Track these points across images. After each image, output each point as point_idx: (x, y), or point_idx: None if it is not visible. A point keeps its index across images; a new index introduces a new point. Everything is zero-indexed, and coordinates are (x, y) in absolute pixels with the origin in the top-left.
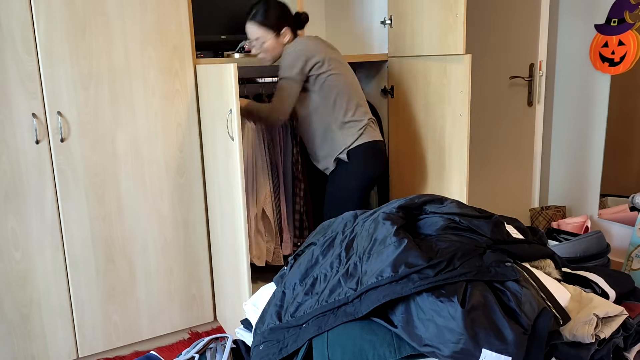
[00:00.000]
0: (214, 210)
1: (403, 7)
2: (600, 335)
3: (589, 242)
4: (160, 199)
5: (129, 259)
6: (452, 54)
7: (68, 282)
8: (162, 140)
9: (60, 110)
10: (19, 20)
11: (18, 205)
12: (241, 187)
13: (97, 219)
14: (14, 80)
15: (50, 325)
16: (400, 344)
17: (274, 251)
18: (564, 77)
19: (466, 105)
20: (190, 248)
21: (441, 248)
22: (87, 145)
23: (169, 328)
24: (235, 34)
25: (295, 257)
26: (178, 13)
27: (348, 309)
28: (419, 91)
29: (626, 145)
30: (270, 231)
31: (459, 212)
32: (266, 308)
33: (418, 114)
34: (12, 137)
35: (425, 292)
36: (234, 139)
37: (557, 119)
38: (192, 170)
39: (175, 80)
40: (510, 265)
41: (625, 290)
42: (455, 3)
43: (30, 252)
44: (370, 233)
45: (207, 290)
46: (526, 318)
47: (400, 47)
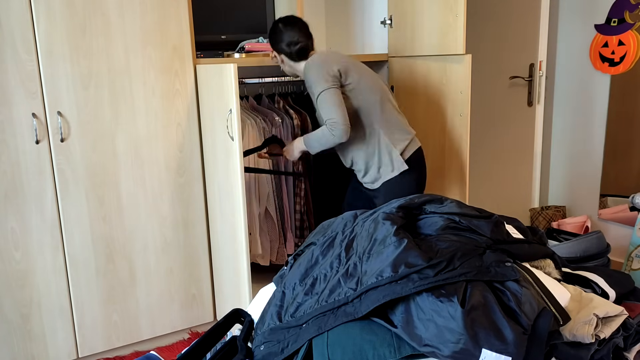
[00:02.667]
0: (214, 210)
1: (403, 7)
2: (600, 335)
3: (589, 242)
4: (160, 199)
5: (129, 259)
6: (452, 54)
7: (68, 282)
8: (162, 140)
9: (60, 110)
10: (19, 20)
11: (18, 205)
12: (241, 187)
13: (97, 219)
14: (14, 80)
15: (50, 326)
16: (400, 344)
17: (277, 250)
18: (564, 77)
19: (466, 105)
20: (190, 248)
21: (441, 248)
22: (87, 145)
23: (169, 328)
24: (235, 34)
25: (295, 257)
26: (178, 13)
27: (348, 309)
28: (419, 91)
29: (626, 145)
30: (273, 231)
31: (458, 212)
32: (266, 308)
33: (418, 114)
34: (12, 137)
35: (425, 292)
36: (234, 139)
37: (557, 119)
38: (192, 170)
39: (175, 80)
40: (510, 265)
41: (625, 290)
42: (455, 3)
43: (30, 252)
44: (370, 233)
45: (207, 290)
46: (526, 318)
47: (400, 47)
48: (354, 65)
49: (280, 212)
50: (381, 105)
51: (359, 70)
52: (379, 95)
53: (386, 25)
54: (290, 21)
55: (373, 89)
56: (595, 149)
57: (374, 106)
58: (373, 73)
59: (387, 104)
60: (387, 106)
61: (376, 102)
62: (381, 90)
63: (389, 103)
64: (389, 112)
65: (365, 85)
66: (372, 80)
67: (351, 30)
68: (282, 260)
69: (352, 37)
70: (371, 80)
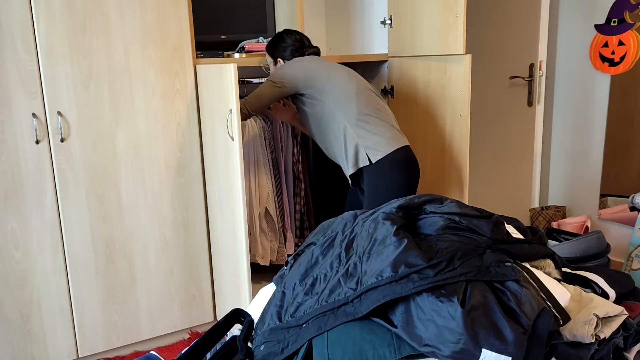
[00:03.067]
0: (214, 210)
1: (403, 7)
2: (600, 335)
3: (589, 242)
4: (160, 199)
5: (129, 259)
6: (452, 54)
7: (68, 282)
8: (162, 140)
9: (60, 110)
10: (19, 20)
11: (18, 205)
12: (241, 187)
13: (97, 219)
14: (14, 80)
15: (50, 325)
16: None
17: (277, 250)
18: (564, 77)
19: (466, 105)
20: (190, 248)
21: (441, 248)
22: (87, 145)
23: (169, 328)
24: (235, 34)
25: (295, 257)
26: (178, 13)
27: (348, 309)
28: (419, 91)
29: (626, 145)
30: (273, 230)
31: (458, 211)
32: (266, 308)
33: (418, 114)
34: (12, 137)
35: (425, 292)
36: (234, 139)
37: (557, 119)
38: (192, 170)
39: (175, 80)
40: (510, 265)
41: (625, 290)
42: (455, 3)
43: (30, 252)
44: (370, 233)
45: (207, 290)
46: (526, 318)
47: (400, 47)
48: (325, 70)
49: (280, 212)
50: (352, 105)
51: (328, 75)
52: (351, 94)
53: (386, 25)
54: (297, 32)
55: (344, 90)
56: (595, 149)
57: (343, 107)
58: (349, 75)
59: (361, 104)
60: (362, 106)
61: (346, 103)
62: (355, 90)
63: (366, 102)
64: (362, 111)
65: (334, 87)
66: (344, 82)
67: (351, 30)
68: (282, 260)
69: (352, 37)
70: (343, 82)
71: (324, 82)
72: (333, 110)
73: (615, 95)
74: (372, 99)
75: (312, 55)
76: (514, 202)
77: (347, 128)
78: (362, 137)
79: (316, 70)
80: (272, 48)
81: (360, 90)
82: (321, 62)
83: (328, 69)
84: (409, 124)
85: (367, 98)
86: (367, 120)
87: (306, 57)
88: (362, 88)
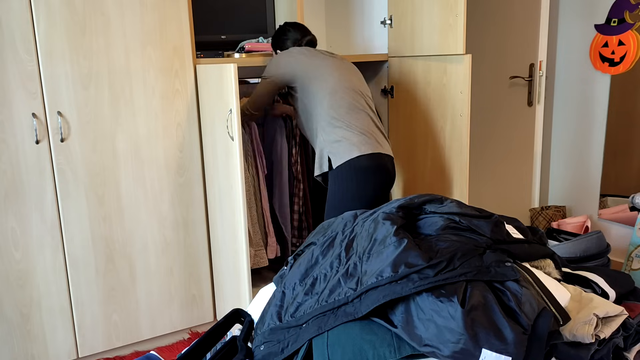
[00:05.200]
0: (214, 210)
1: (403, 7)
2: (600, 335)
3: (589, 242)
4: (160, 199)
5: (129, 259)
6: (452, 54)
7: (68, 282)
8: (162, 140)
9: (60, 110)
10: (19, 20)
11: (18, 205)
12: (241, 187)
13: (97, 219)
14: (14, 80)
15: (50, 325)
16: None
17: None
18: (564, 77)
19: (466, 105)
20: (190, 248)
21: (441, 248)
22: (87, 145)
23: (169, 328)
24: (235, 34)
25: (295, 257)
26: (178, 13)
27: (348, 309)
28: (419, 91)
29: (626, 145)
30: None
31: (458, 211)
32: (266, 308)
33: (418, 114)
34: (12, 137)
35: (425, 292)
36: (234, 139)
37: (557, 119)
38: (192, 170)
39: (175, 80)
40: (510, 265)
41: (625, 290)
42: (455, 3)
43: (30, 252)
44: (370, 233)
45: (207, 290)
46: (526, 318)
47: (400, 47)
48: (308, 66)
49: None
50: (324, 106)
51: (310, 73)
52: (324, 94)
53: (386, 25)
54: (296, 23)
55: (319, 89)
56: (595, 149)
57: (316, 107)
58: (332, 71)
59: (333, 105)
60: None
61: (318, 104)
62: (330, 90)
63: (339, 104)
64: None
65: (311, 86)
66: (320, 81)
67: (351, 30)
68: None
69: (352, 37)
70: (320, 80)
71: (305, 79)
72: (310, 110)
73: (615, 95)
74: (346, 100)
75: (305, 47)
76: (514, 202)
77: (318, 129)
78: (327, 141)
79: (300, 65)
80: (273, 42)
81: (337, 90)
82: (311, 56)
83: (312, 66)
84: (409, 124)
85: (342, 98)
86: (334, 124)
87: (296, 48)
88: (341, 87)
